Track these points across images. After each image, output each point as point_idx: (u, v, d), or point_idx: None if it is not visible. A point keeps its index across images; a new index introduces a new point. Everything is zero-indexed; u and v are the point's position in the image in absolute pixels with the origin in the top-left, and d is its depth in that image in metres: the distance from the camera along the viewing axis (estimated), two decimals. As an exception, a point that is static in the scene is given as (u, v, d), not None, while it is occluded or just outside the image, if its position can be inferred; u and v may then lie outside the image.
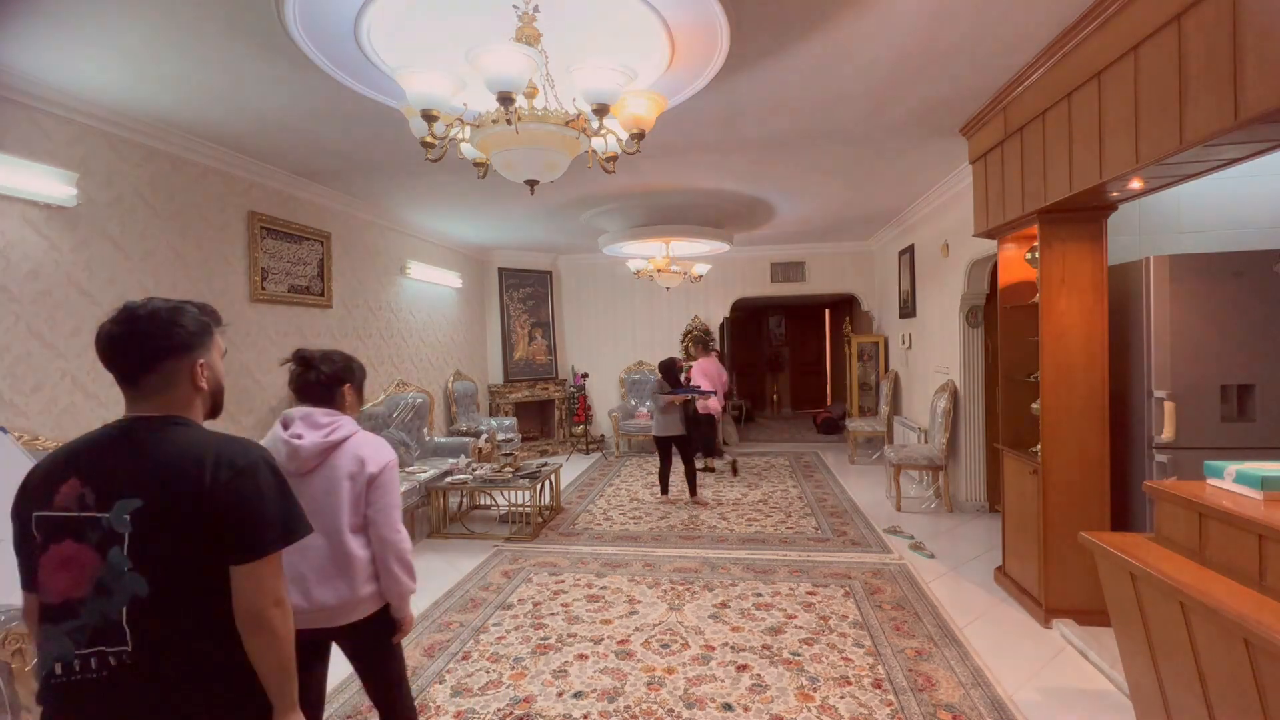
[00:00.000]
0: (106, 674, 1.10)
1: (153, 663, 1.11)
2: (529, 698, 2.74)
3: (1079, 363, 3.20)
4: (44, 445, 2.88)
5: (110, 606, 1.10)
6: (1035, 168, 3.14)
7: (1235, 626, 1.50)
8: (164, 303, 1.23)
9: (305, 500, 1.68)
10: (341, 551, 1.77)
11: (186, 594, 1.14)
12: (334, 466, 1.79)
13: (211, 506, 1.13)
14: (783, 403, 13.35)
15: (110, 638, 1.10)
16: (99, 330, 1.21)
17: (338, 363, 1.91)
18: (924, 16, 2.61)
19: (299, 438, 1.78)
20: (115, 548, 1.10)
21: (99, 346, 1.21)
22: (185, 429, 1.21)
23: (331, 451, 1.80)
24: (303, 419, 1.83)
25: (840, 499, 5.92)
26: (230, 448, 1.20)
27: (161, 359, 1.21)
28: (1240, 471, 1.87)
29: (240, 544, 1.16)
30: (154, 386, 1.22)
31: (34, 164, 2.95)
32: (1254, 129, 1.96)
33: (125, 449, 1.17)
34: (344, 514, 1.78)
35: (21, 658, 2.17)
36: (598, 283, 9.17)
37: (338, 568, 1.77)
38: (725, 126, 3.85)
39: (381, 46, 2.68)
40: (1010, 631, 3.24)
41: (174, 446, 1.16)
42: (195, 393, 1.26)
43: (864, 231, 7.80)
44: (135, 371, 1.21)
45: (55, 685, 1.11)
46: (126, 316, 1.20)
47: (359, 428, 1.90)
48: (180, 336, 1.22)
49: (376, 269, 5.96)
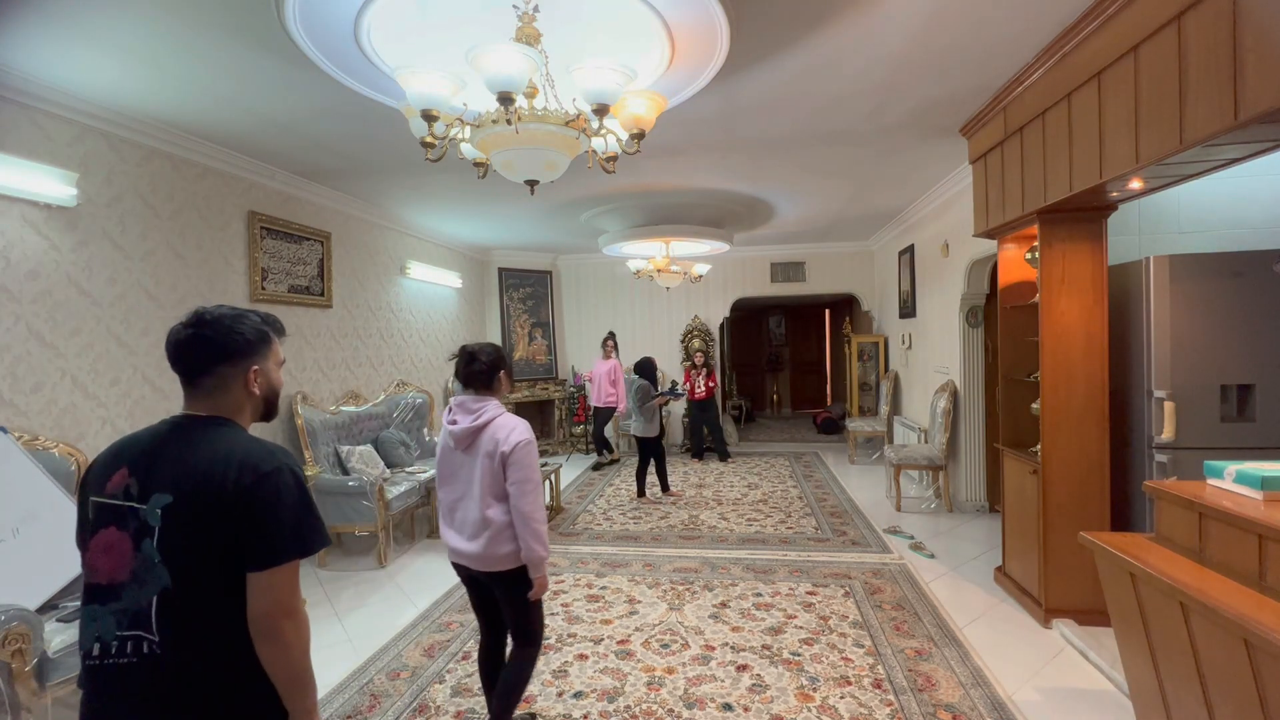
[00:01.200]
0: (138, 660, 1.13)
1: (175, 656, 1.14)
2: (529, 698, 2.74)
3: (1079, 363, 3.20)
4: (44, 445, 2.88)
5: (142, 595, 1.14)
6: (1035, 168, 3.14)
7: (1235, 626, 1.50)
8: (230, 310, 1.29)
9: (461, 471, 2.19)
10: (482, 515, 2.13)
11: (208, 593, 1.16)
12: (479, 445, 2.16)
13: (232, 508, 1.15)
14: (783, 403, 13.35)
15: (143, 625, 1.14)
16: (169, 331, 1.27)
17: (493, 354, 2.28)
18: (924, 16, 2.61)
19: (454, 423, 2.19)
20: (147, 539, 1.14)
21: (167, 347, 1.27)
22: (225, 430, 1.25)
23: (479, 433, 2.16)
24: (458, 406, 2.23)
25: (840, 499, 5.92)
26: (257, 453, 1.21)
27: (218, 362, 1.26)
28: (1240, 471, 1.87)
29: (255, 550, 1.16)
30: (208, 388, 1.27)
31: (34, 164, 2.95)
32: (1254, 129, 1.96)
33: (171, 445, 1.21)
34: (484, 484, 2.13)
35: (21, 658, 2.17)
36: (598, 283, 9.17)
37: (481, 527, 2.13)
38: (725, 126, 3.85)
39: (381, 46, 2.68)
40: (1010, 631, 3.24)
41: (209, 448, 1.20)
42: (247, 397, 1.30)
43: (864, 231, 7.80)
44: (193, 373, 1.26)
45: (92, 668, 1.15)
46: (194, 320, 1.25)
47: (503, 410, 2.23)
48: (238, 343, 1.27)
49: (376, 269, 5.96)
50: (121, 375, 3.42)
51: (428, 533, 5.13)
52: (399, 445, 5.42)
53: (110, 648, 1.14)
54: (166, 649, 1.13)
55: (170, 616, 1.13)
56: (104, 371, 3.32)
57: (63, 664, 2.32)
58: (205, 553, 1.15)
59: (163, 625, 1.13)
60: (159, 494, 1.15)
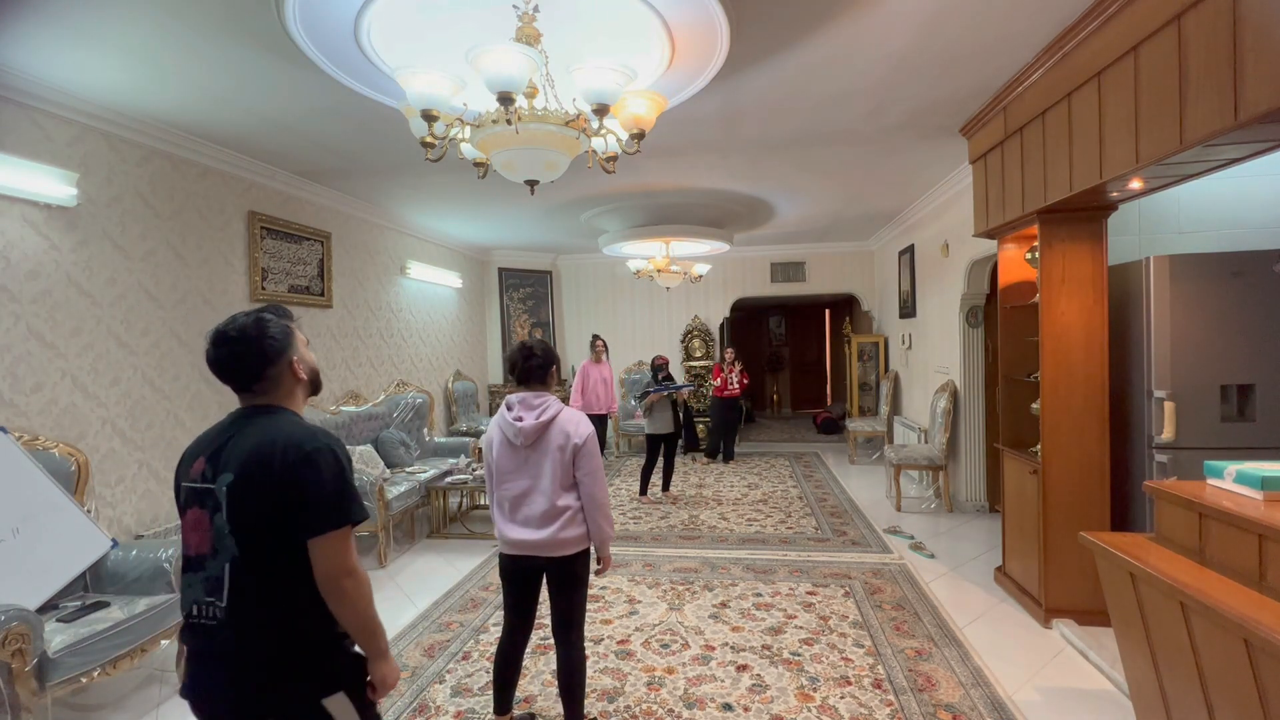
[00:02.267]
0: (215, 622, 1.31)
1: (239, 615, 1.30)
2: (529, 698, 2.74)
3: (1079, 363, 3.20)
4: (44, 445, 2.88)
5: (217, 564, 1.31)
6: (1035, 168, 3.14)
7: (1235, 626, 1.50)
8: (246, 318, 1.40)
9: (527, 466, 2.26)
10: (553, 505, 2.23)
11: (269, 558, 1.31)
12: (548, 440, 2.24)
13: (280, 484, 1.30)
14: (783, 403, 13.35)
15: (217, 592, 1.31)
16: (207, 356, 1.40)
17: (547, 349, 2.36)
18: (924, 16, 2.61)
19: (520, 420, 2.23)
20: (219, 514, 1.31)
21: (211, 369, 1.40)
22: (278, 415, 1.40)
23: (547, 428, 2.24)
24: (520, 403, 2.28)
25: (840, 499, 5.92)
26: (300, 435, 1.35)
27: (264, 370, 1.40)
28: (1240, 471, 1.87)
29: (303, 519, 1.31)
30: (263, 389, 1.42)
31: (34, 164, 2.95)
32: (1254, 129, 1.96)
33: (234, 433, 1.37)
34: (554, 476, 2.23)
35: (21, 658, 2.17)
36: (598, 283, 9.17)
37: (551, 516, 2.23)
38: (725, 126, 3.85)
39: (381, 46, 2.68)
40: (1010, 631, 3.24)
41: (263, 432, 1.35)
42: (296, 383, 1.46)
43: (864, 231, 7.80)
44: (246, 384, 1.41)
45: (190, 624, 1.35)
46: (221, 340, 1.38)
47: (563, 405, 2.30)
48: (273, 347, 1.40)
49: (376, 269, 5.96)
50: (121, 375, 3.42)
51: (428, 533, 5.13)
52: (399, 445, 5.42)
53: (199, 610, 1.33)
54: (233, 609, 1.30)
55: (238, 580, 1.30)
56: (104, 371, 3.32)
57: (63, 664, 2.32)
58: (263, 523, 1.30)
59: (232, 590, 1.30)
60: (224, 474, 1.32)
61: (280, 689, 1.31)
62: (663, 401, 5.96)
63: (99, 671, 2.46)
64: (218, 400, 4.02)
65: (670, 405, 6.02)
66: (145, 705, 2.80)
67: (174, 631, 2.83)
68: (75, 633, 2.44)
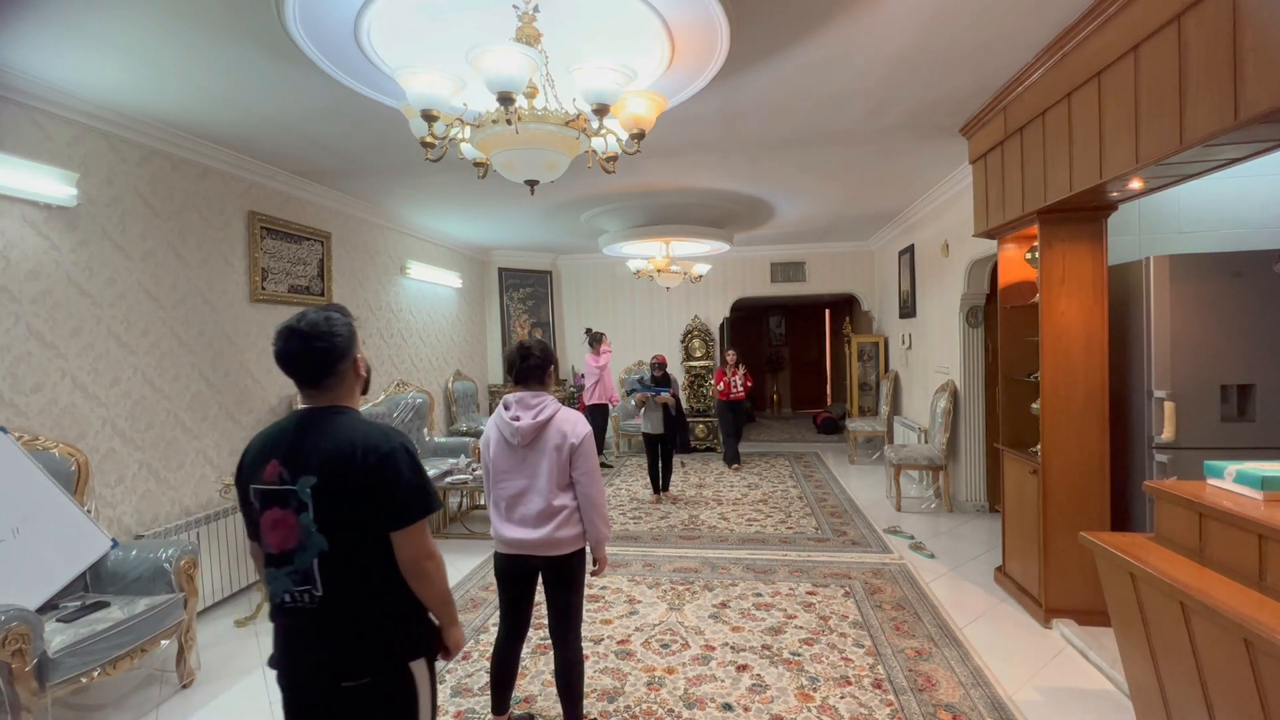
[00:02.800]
0: (309, 607, 1.44)
1: (338, 603, 1.44)
2: (529, 698, 2.74)
3: (1079, 363, 3.20)
4: (44, 445, 2.88)
5: (305, 557, 1.42)
6: (1035, 168, 3.14)
7: (1235, 626, 1.50)
8: (316, 315, 1.48)
9: (524, 465, 2.27)
10: (549, 505, 2.25)
11: (357, 550, 1.44)
12: (545, 439, 2.25)
13: (364, 485, 1.41)
14: (783, 403, 13.35)
15: (310, 581, 1.43)
16: (277, 350, 1.47)
17: (544, 349, 2.38)
18: (924, 17, 2.61)
19: (517, 419, 2.25)
20: (305, 513, 1.42)
21: (282, 362, 1.48)
22: (345, 417, 1.49)
23: (544, 428, 2.25)
24: (518, 403, 2.29)
25: (840, 499, 5.92)
26: (376, 436, 1.46)
27: (336, 364, 1.49)
28: (1240, 471, 1.87)
29: (390, 516, 1.44)
30: (330, 385, 1.51)
31: (34, 164, 2.95)
32: (1254, 129, 1.96)
33: (306, 435, 1.47)
34: (552, 477, 2.24)
35: (21, 658, 2.17)
36: (598, 283, 9.17)
37: (547, 516, 2.25)
38: (725, 126, 3.85)
39: (381, 46, 2.68)
40: (1010, 631, 3.24)
41: (338, 435, 1.45)
42: (357, 381, 1.57)
43: (864, 231, 7.80)
44: (316, 379, 1.49)
45: (282, 608, 1.47)
46: (293, 335, 1.45)
47: (561, 405, 2.31)
48: (342, 344, 1.49)
49: (376, 269, 5.96)
50: (121, 375, 3.42)
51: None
52: (399, 445, 5.40)
53: (292, 597, 1.45)
54: (328, 595, 1.43)
55: (328, 572, 1.42)
56: (104, 371, 3.32)
57: (63, 664, 2.32)
58: (349, 519, 1.42)
59: (324, 579, 1.42)
60: (305, 476, 1.41)
61: (377, 653, 1.46)
62: (651, 402, 6.06)
63: (99, 671, 2.46)
64: (218, 400, 4.02)
65: (660, 406, 6.08)
66: (145, 705, 2.80)
67: (173, 631, 2.84)
68: (75, 633, 2.44)
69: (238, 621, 3.60)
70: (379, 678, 1.46)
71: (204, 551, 3.64)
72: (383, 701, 1.47)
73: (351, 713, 1.45)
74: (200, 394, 3.91)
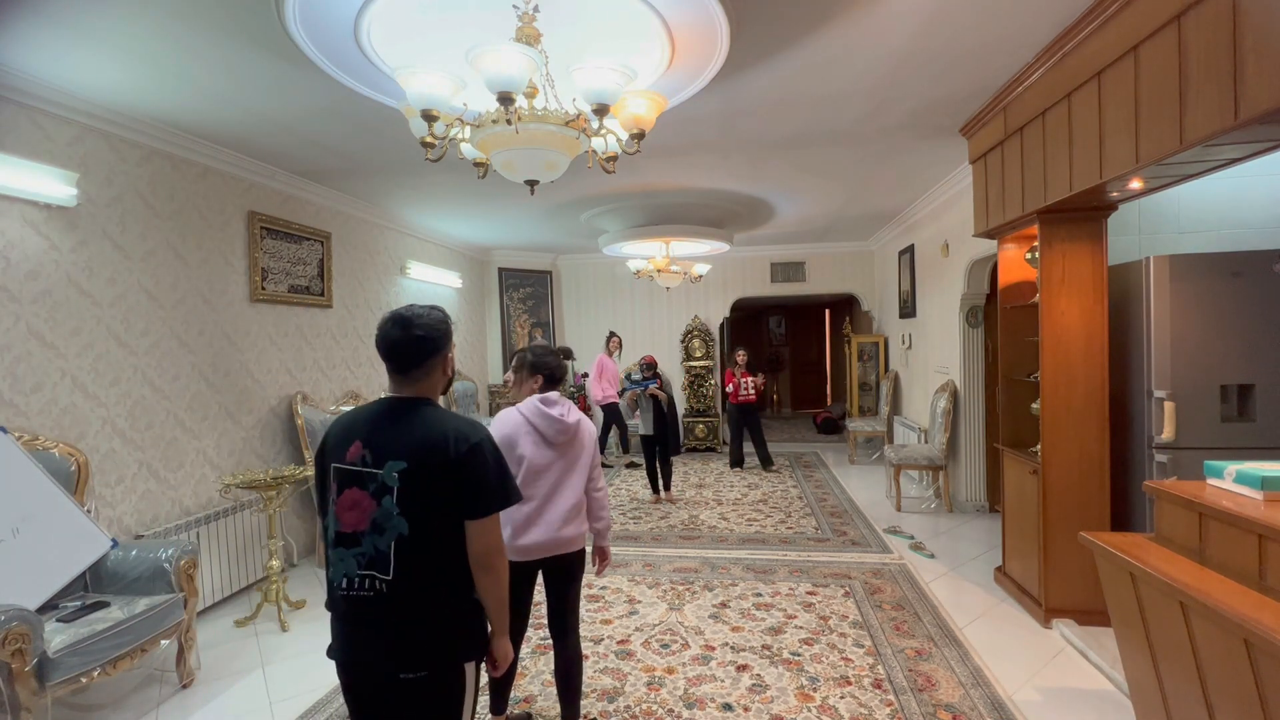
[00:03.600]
0: (373, 594, 1.45)
1: (406, 588, 1.45)
2: (529, 698, 2.74)
3: (1079, 363, 3.20)
4: (44, 445, 2.88)
5: (382, 541, 1.45)
6: (1035, 168, 3.14)
7: (1235, 626, 1.50)
8: (423, 308, 1.57)
9: (562, 463, 2.33)
10: (580, 501, 2.37)
11: (435, 536, 1.47)
12: (581, 438, 2.38)
13: (453, 471, 1.46)
14: (783, 403, 13.35)
15: (379, 566, 1.45)
16: (380, 334, 1.54)
17: (560, 358, 2.52)
18: (924, 16, 2.61)
19: (566, 415, 2.33)
20: (387, 496, 1.45)
21: (381, 346, 1.54)
22: (433, 409, 1.55)
23: (578, 426, 2.37)
24: (560, 401, 2.38)
25: (840, 499, 5.92)
26: (465, 427, 1.52)
27: (430, 356, 1.56)
28: (1240, 471, 1.87)
29: (472, 504, 1.49)
30: (417, 376, 1.56)
31: (34, 164, 2.95)
32: (1254, 129, 1.96)
33: (393, 422, 1.52)
34: (585, 473, 2.39)
35: (21, 658, 2.17)
36: (598, 283, 9.16)
37: (578, 511, 2.36)
38: (725, 126, 3.85)
39: (382, 46, 2.68)
40: (1010, 631, 3.24)
41: (427, 424, 1.50)
42: (442, 378, 1.63)
43: (864, 231, 7.80)
44: (408, 367, 1.55)
45: (339, 596, 1.49)
46: (400, 322, 1.53)
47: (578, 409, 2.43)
48: (441, 340, 1.57)
49: (376, 269, 5.96)
50: (121, 375, 3.42)
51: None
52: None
53: (353, 583, 1.46)
54: (400, 582, 1.44)
55: (403, 556, 1.44)
56: (104, 371, 3.32)
57: (63, 664, 2.32)
58: (432, 505, 1.46)
59: (400, 564, 1.44)
60: (394, 460, 1.45)
61: (437, 648, 1.48)
62: (647, 403, 6.08)
63: (99, 671, 2.46)
64: (218, 400, 4.02)
65: (653, 406, 6.11)
66: (145, 705, 2.80)
67: (173, 631, 2.84)
68: (75, 633, 2.44)
69: (238, 621, 3.60)
70: (435, 673, 1.48)
71: (204, 551, 3.64)
72: (434, 696, 1.49)
73: (402, 702, 1.48)
74: (200, 394, 3.91)
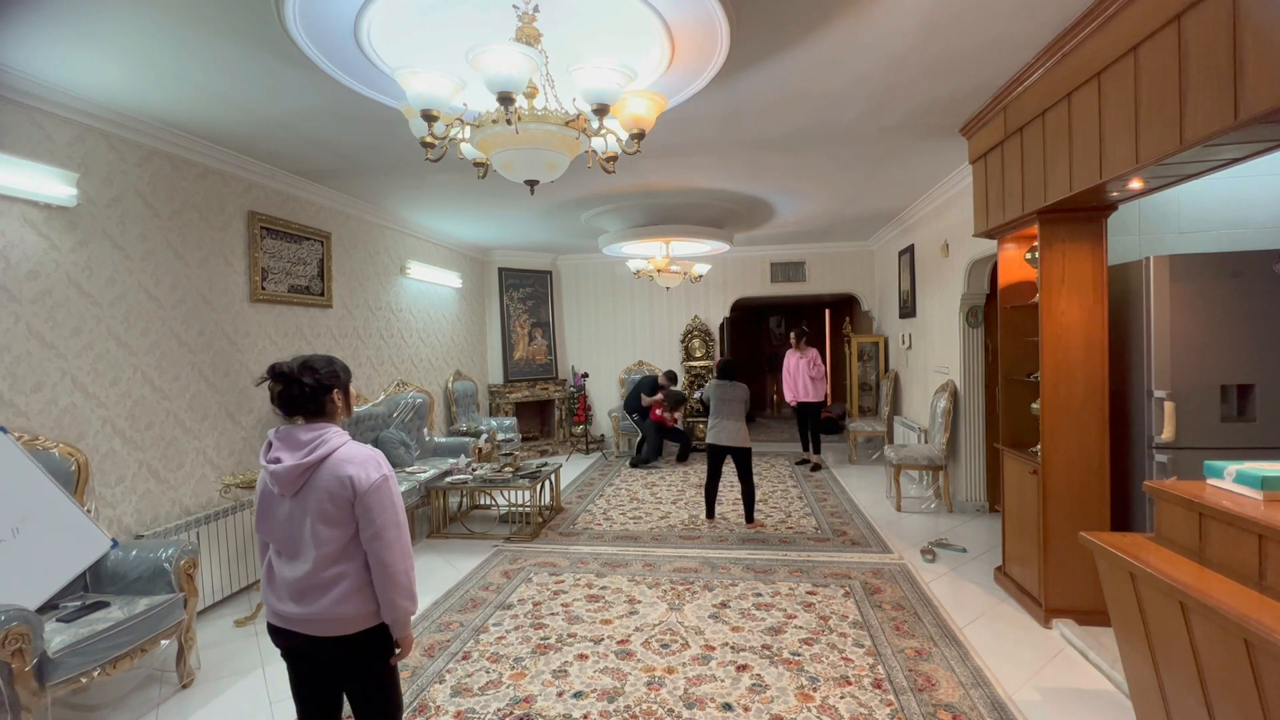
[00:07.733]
0: None
1: None
2: (529, 698, 2.74)
3: (1079, 363, 3.20)
4: (44, 445, 2.88)
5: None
6: (1035, 168, 3.14)
7: (1235, 626, 1.50)
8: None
9: (290, 521, 1.67)
10: (321, 574, 1.66)
11: None
12: (315, 487, 1.66)
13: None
14: (783, 403, 13.33)
15: None
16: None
17: (320, 370, 1.73)
18: (923, 17, 2.61)
19: (276, 461, 1.67)
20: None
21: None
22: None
23: (312, 471, 1.66)
24: (282, 440, 1.70)
25: (840, 499, 5.92)
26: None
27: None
28: (1240, 471, 1.87)
29: None
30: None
31: (34, 164, 2.95)
32: (1254, 129, 1.96)
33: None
34: (323, 536, 1.66)
35: (21, 658, 2.17)
36: (598, 283, 9.17)
37: (319, 585, 1.67)
38: (725, 126, 3.85)
39: (381, 46, 2.68)
40: (1010, 631, 3.24)
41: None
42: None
43: (864, 231, 7.80)
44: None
45: None
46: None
47: (347, 439, 1.73)
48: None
49: (376, 269, 5.96)
50: (121, 375, 3.42)
51: (428, 533, 5.13)
52: (399, 445, 5.41)
53: None
54: None
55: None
56: (104, 371, 3.32)
57: (63, 664, 2.32)
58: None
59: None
60: None
61: None
62: (721, 407, 5.14)
63: (99, 671, 2.46)
64: (218, 400, 4.02)
65: (731, 413, 5.11)
66: (145, 705, 2.80)
67: (173, 631, 2.83)
68: (75, 633, 2.44)
69: (238, 621, 3.60)
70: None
71: (204, 551, 3.64)
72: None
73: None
74: (200, 394, 3.91)
